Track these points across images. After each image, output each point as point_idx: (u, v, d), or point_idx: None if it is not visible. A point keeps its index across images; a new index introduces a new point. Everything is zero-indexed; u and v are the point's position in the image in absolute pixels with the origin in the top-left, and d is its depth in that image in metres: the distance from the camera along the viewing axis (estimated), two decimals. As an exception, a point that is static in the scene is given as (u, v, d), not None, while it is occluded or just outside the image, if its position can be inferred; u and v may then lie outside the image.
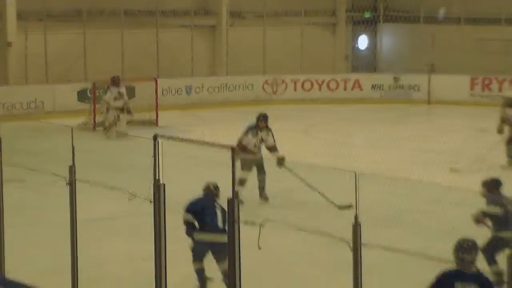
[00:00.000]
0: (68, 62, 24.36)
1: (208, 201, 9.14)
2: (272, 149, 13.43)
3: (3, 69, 23.57)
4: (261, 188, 13.13)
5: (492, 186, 9.76)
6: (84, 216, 7.62)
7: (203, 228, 8.92)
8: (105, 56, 24.71)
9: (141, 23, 25.81)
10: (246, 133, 13.51)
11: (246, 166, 13.01)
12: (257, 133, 13.44)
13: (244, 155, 12.79)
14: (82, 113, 21.40)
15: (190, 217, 9.02)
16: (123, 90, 19.99)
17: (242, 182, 12.72)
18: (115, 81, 19.99)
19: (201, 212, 8.97)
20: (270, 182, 13.16)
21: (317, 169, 11.06)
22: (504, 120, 16.05)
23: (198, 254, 9.00)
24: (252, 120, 13.69)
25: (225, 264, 7.49)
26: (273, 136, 13.55)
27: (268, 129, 13.60)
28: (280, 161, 13.06)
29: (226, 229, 7.55)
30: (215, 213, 8.93)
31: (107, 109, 19.94)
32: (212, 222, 8.88)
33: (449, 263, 6.26)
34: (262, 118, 13.66)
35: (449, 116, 23.55)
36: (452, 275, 6.42)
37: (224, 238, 6.68)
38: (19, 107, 22.47)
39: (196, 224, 8.99)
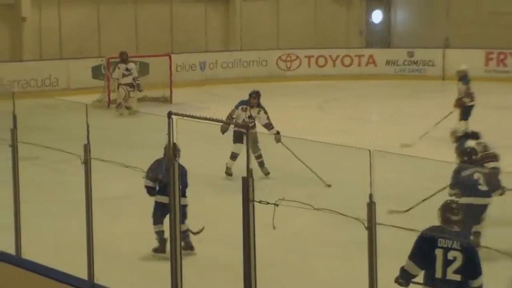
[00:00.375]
0: (82, 38, 24.36)
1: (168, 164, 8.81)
2: (267, 126, 13.49)
3: (18, 45, 23.60)
4: (260, 164, 13.31)
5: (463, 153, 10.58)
6: (99, 194, 7.63)
7: (163, 191, 9.11)
8: (119, 32, 24.72)
9: (155, -3, 25.78)
10: (237, 106, 13.63)
11: (237, 140, 13.19)
12: (247, 109, 13.56)
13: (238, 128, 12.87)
14: (97, 90, 21.42)
15: (150, 183, 9.46)
16: (131, 66, 20.00)
17: (234, 156, 13.08)
18: (122, 58, 20.02)
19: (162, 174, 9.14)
20: (286, 161, 13.16)
21: (329, 146, 11.04)
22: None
23: (158, 216, 9.43)
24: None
25: (183, 226, 8.21)
26: (266, 113, 13.58)
27: (260, 107, 13.61)
28: (277, 137, 13.15)
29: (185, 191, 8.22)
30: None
31: (118, 86, 19.97)
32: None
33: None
34: (255, 95, 13.67)
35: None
36: (436, 231, 6.70)
37: (182, 201, 6.96)
38: (33, 84, 22.51)
39: (157, 186, 9.42)
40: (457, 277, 6.63)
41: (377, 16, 29.74)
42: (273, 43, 26.97)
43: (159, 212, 9.36)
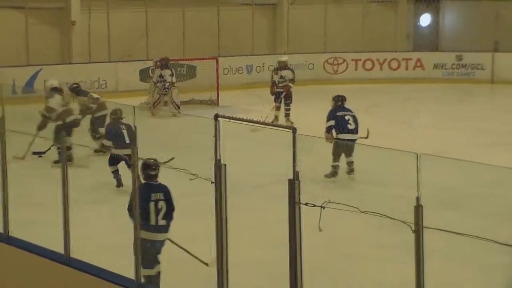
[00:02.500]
0: (130, 41, 24.55)
1: (116, 124, 12.79)
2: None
3: (67, 48, 23.86)
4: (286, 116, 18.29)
5: (337, 100, 14.32)
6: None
7: (116, 146, 12.33)
8: (167, 35, 24.87)
9: (202, 1, 25.88)
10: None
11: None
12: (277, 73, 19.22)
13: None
14: (144, 92, 21.58)
15: (109, 143, 12.68)
16: (165, 72, 20.17)
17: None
18: (160, 63, 20.33)
19: (114, 133, 12.42)
20: (327, 164, 13.14)
21: (375, 149, 10.98)
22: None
23: (113, 161, 12.52)
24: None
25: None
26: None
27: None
28: None
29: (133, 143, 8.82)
30: (122, 133, 12.39)
31: (154, 90, 20.28)
32: (120, 140, 12.29)
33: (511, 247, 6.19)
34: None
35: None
36: (145, 188, 8.09)
37: (129, 151, 7.75)
38: (82, 86, 22.70)
39: (111, 143, 12.51)
40: (164, 222, 8.31)
41: (425, 19, 29.54)
42: (320, 46, 26.93)
43: (114, 160, 12.44)
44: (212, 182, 6.82)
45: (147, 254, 7.95)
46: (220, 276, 6.44)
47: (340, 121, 13.53)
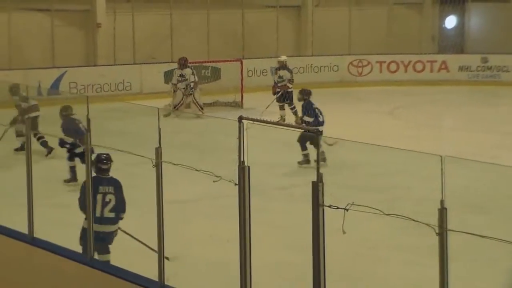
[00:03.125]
0: (155, 43, 24.63)
1: (71, 120, 13.22)
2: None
3: (92, 50, 23.97)
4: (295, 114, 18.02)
5: (304, 94, 15.30)
6: (170, 197, 7.69)
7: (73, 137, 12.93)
8: (191, 37, 24.92)
9: (227, 3, 25.93)
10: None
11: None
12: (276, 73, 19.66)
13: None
14: (168, 94, 21.62)
15: (69, 139, 12.97)
16: (185, 71, 20.21)
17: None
18: (179, 63, 20.40)
19: (70, 129, 12.92)
20: (354, 166, 13.10)
21: (400, 152, 10.93)
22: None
23: (71, 157, 13.25)
24: None
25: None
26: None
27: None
28: None
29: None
30: (80, 127, 12.62)
31: (175, 91, 20.34)
32: (76, 133, 12.64)
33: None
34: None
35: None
36: (94, 180, 8.06)
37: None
38: (107, 88, 22.83)
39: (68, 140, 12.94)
40: (112, 215, 8.70)
41: (450, 21, 29.39)
42: (345, 48, 26.89)
43: (73, 156, 13.20)
44: (235, 184, 6.81)
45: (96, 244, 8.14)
46: (243, 278, 6.44)
47: (315, 115, 14.77)
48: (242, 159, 6.74)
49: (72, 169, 13.40)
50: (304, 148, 14.31)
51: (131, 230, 10.61)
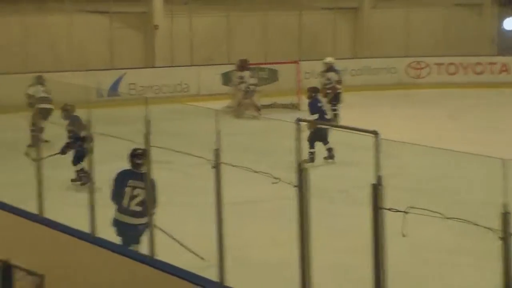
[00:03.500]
0: (212, 45, 24.74)
1: (75, 118, 13.05)
2: None
3: (151, 52, 24.19)
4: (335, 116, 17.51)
5: (312, 91, 15.72)
6: (228, 199, 7.71)
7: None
8: (248, 39, 24.99)
9: (284, 5, 25.94)
10: None
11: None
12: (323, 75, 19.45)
13: None
14: (226, 96, 21.71)
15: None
16: (244, 74, 20.29)
17: None
18: (237, 65, 20.49)
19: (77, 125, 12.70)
20: (416, 169, 13.02)
21: (460, 155, 10.85)
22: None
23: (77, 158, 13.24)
24: None
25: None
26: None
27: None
28: None
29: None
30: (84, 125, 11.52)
31: (235, 92, 20.47)
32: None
33: None
34: None
35: None
36: (126, 173, 8.96)
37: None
38: (165, 90, 23.01)
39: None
40: (139, 208, 8.83)
41: (509, 23, 29.01)
42: (402, 50, 26.71)
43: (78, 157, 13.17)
44: (294, 186, 6.81)
45: (124, 234, 8.97)
46: (303, 280, 6.43)
47: (320, 112, 15.20)
48: (300, 161, 6.72)
49: (81, 172, 13.16)
50: (312, 146, 14.52)
51: (190, 231, 10.68)
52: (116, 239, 8.57)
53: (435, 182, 13.02)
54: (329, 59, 20.19)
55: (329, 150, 14.79)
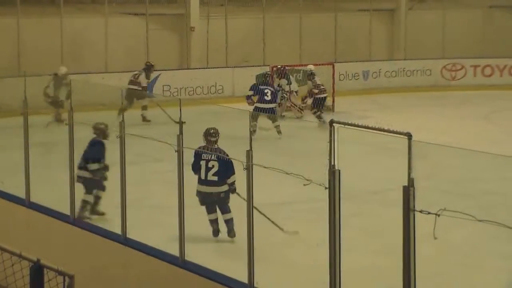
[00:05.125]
0: (248, 47, 24.76)
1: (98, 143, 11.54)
2: None
3: (186, 54, 24.26)
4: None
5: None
6: (260, 200, 7.74)
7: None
8: (283, 41, 24.97)
9: (320, 7, 25.90)
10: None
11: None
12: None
13: None
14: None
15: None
16: (282, 82, 20.28)
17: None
18: (272, 70, 20.67)
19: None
20: (450, 171, 12.95)
21: (494, 157, 10.75)
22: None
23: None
24: None
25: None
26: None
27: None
28: None
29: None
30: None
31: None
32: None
33: None
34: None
35: None
36: (200, 149, 10.34)
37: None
38: (200, 91, 23.07)
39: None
40: (215, 178, 10.33)
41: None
42: (438, 52, 26.56)
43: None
44: (326, 188, 6.80)
45: (205, 202, 10.45)
46: (332, 282, 6.42)
47: (260, 93, 18.00)
48: (332, 163, 6.72)
49: (86, 202, 11.39)
50: (254, 120, 15.98)
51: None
52: (147, 240, 8.59)
53: (469, 184, 12.93)
54: (309, 67, 20.56)
55: (277, 127, 17.56)
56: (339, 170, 6.79)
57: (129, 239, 8.41)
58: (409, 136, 6.16)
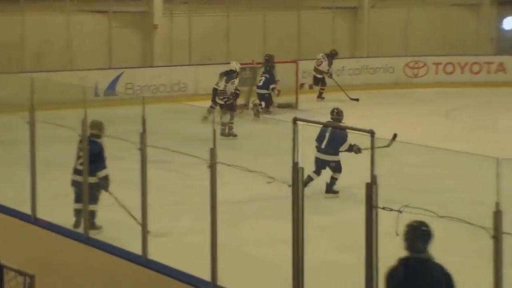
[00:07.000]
0: (211, 45, 24.73)
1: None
2: None
3: (149, 52, 24.17)
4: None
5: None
6: (224, 198, 7.73)
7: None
8: (247, 38, 24.97)
9: (283, 5, 25.93)
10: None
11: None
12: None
13: None
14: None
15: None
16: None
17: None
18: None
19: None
20: (406, 170, 13.04)
21: (455, 154, 10.86)
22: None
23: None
24: None
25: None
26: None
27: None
28: None
29: None
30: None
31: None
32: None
33: None
34: None
35: None
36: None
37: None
38: (163, 89, 23.00)
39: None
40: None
41: (508, 23, 29.01)
42: (401, 50, 26.72)
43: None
44: (289, 186, 6.82)
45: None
46: (295, 279, 6.45)
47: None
48: (296, 161, 6.74)
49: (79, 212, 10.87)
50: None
51: (185, 230, 10.69)
52: (110, 239, 8.55)
53: (431, 181, 13.03)
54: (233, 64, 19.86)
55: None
56: (303, 168, 6.81)
57: (91, 238, 8.36)
58: (371, 133, 6.20)
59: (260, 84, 20.67)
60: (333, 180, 12.45)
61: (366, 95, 23.63)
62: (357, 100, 22.06)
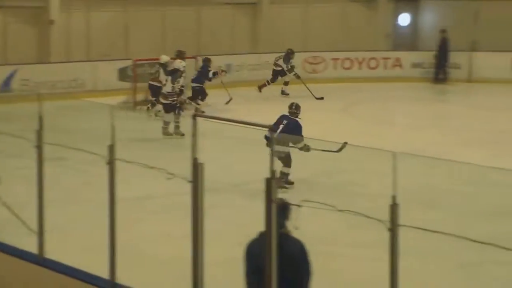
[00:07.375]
0: (110, 40, 24.48)
1: None
2: None
3: (46, 47, 23.76)
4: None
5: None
6: (123, 195, 7.65)
7: None
8: (146, 34, 24.82)
9: (183, 0, 25.84)
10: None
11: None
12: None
13: None
14: (123, 92, 21.53)
15: None
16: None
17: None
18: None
19: None
20: (307, 164, 13.17)
21: (354, 148, 11.02)
22: None
23: None
24: None
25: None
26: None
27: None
28: None
29: None
30: None
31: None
32: None
33: (488, 245, 6.22)
34: None
35: (490, 95, 23.37)
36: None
37: None
38: (60, 85, 22.64)
39: None
40: None
41: (404, 19, 29.62)
42: (300, 45, 26.95)
43: None
44: (189, 181, 6.79)
45: None
46: (195, 275, 6.43)
47: None
48: (196, 156, 6.72)
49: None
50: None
51: (83, 228, 10.54)
52: (4, 238, 8.34)
53: (330, 175, 13.19)
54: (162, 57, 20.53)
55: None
56: (202, 163, 6.79)
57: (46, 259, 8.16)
58: (270, 128, 6.25)
59: (193, 77, 20.80)
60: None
61: (267, 91, 23.74)
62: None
